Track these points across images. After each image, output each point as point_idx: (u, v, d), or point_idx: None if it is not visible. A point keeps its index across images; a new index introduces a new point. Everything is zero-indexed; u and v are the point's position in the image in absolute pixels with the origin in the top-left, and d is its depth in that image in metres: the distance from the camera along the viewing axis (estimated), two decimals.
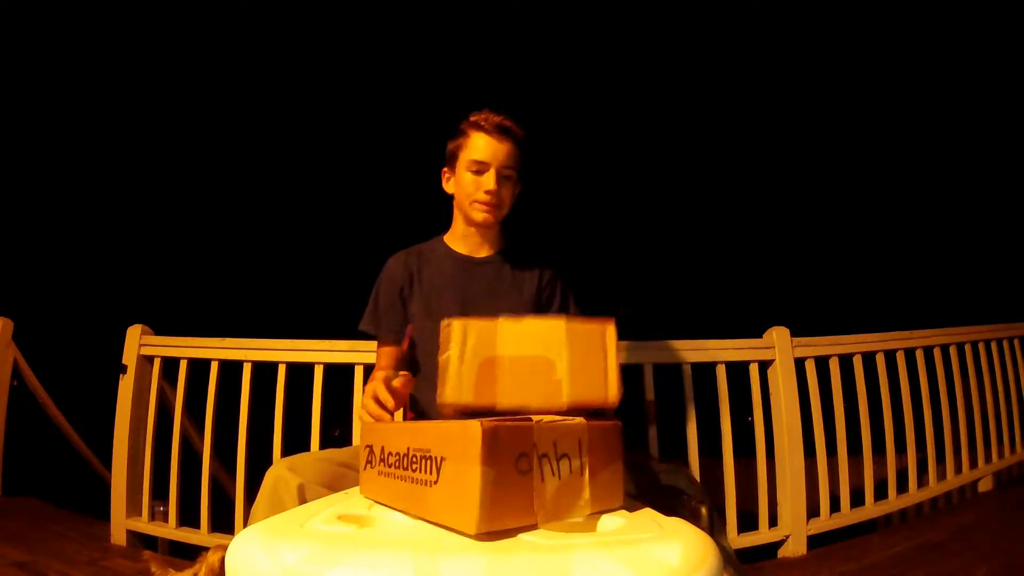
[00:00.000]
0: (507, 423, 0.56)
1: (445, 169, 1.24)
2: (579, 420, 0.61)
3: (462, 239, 1.26)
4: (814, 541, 1.86)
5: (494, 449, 0.53)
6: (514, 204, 1.25)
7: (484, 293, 1.22)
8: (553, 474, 0.58)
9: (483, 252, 1.26)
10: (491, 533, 0.56)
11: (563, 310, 1.27)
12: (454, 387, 0.71)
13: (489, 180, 1.16)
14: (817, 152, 10.87)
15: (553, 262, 1.29)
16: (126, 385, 1.89)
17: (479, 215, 1.19)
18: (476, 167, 1.17)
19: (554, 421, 0.60)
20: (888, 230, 10.52)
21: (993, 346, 2.48)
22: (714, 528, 0.76)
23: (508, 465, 0.54)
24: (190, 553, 1.76)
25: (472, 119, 1.18)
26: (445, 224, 1.32)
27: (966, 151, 9.28)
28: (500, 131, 1.16)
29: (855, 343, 2.07)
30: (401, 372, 0.97)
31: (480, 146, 1.16)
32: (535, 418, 0.58)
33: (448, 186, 1.25)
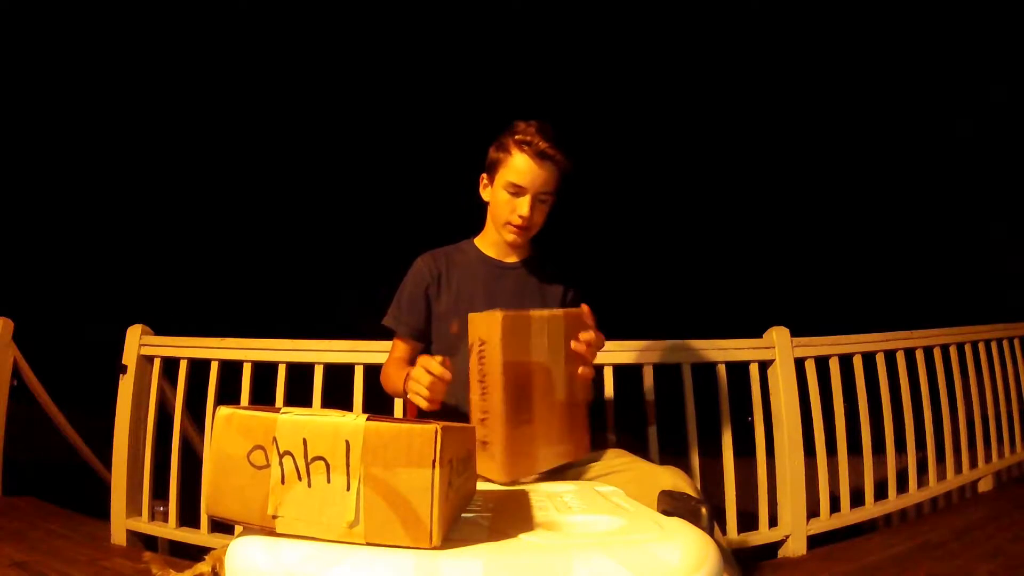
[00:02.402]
0: (250, 409, 0.53)
1: (484, 176, 1.23)
2: (353, 418, 0.51)
3: (493, 245, 1.28)
4: (814, 541, 1.86)
5: (227, 435, 0.53)
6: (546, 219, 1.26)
7: (510, 296, 1.24)
8: (300, 478, 0.50)
9: (512, 258, 1.28)
10: (494, 533, 0.56)
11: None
12: None
13: (524, 205, 1.14)
14: (817, 153, 10.87)
15: (577, 278, 1.31)
16: (126, 385, 1.89)
17: (509, 236, 1.20)
18: (514, 189, 1.15)
19: (312, 413, 0.53)
20: (888, 230, 10.52)
21: (993, 346, 2.48)
22: (714, 528, 0.76)
23: (240, 455, 0.52)
24: (190, 553, 1.76)
25: (519, 137, 1.14)
26: (445, 228, 1.34)
27: (966, 152, 9.28)
28: (543, 157, 1.12)
29: (855, 343, 2.07)
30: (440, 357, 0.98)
31: (521, 168, 1.13)
32: (296, 410, 0.53)
33: (484, 194, 1.24)
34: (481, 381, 0.89)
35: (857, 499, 1.99)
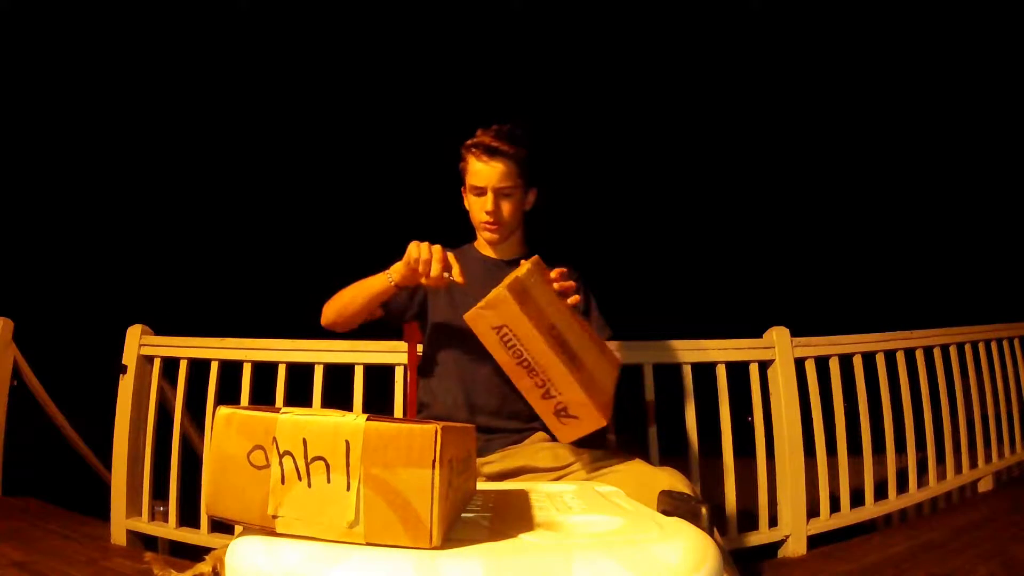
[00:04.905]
0: (250, 409, 0.54)
1: (462, 188, 1.29)
2: (353, 418, 0.50)
3: (488, 245, 1.33)
4: (814, 541, 1.86)
5: (227, 435, 0.53)
6: (533, 208, 1.31)
7: None
8: (300, 478, 0.50)
9: (509, 255, 1.32)
10: (494, 533, 0.56)
11: (586, 314, 1.31)
12: None
13: (488, 202, 1.21)
14: (817, 153, 10.87)
15: (575, 267, 1.31)
16: (126, 385, 1.89)
17: (486, 235, 1.27)
18: (476, 191, 1.22)
19: (312, 413, 0.53)
20: (887, 230, 10.52)
21: (993, 346, 2.48)
22: (713, 528, 0.76)
23: (240, 455, 0.52)
24: (190, 553, 1.76)
25: (468, 142, 1.22)
26: (446, 232, 1.36)
27: (965, 152, 9.28)
28: (490, 153, 1.18)
29: (855, 343, 2.07)
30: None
31: (476, 169, 1.21)
32: (296, 410, 0.53)
33: (466, 205, 1.31)
34: (521, 363, 0.92)
35: (857, 499, 1.99)
